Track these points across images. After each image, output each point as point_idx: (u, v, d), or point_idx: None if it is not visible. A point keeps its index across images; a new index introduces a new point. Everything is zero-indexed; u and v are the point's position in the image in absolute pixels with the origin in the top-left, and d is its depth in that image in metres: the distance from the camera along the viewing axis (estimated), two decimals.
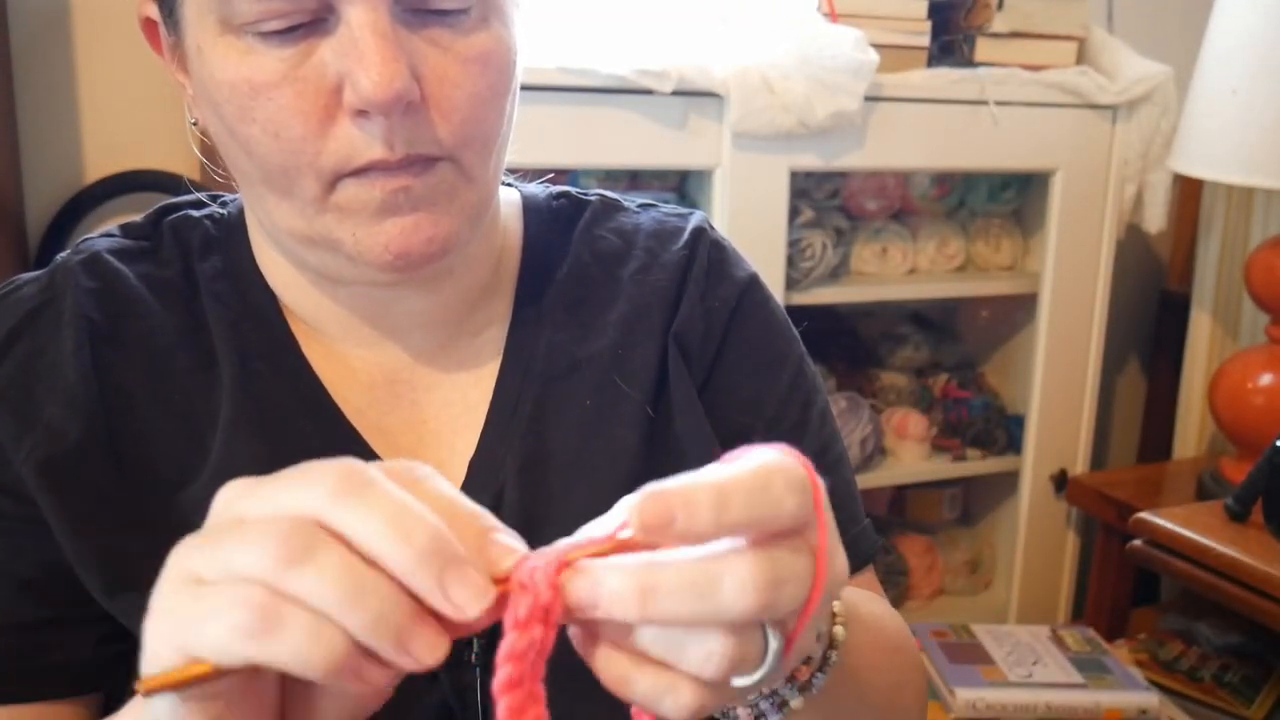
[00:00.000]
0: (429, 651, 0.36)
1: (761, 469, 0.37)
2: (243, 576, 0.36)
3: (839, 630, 0.48)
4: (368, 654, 0.36)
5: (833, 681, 0.48)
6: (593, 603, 0.37)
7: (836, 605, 0.49)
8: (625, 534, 0.38)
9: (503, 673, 0.37)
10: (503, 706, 0.37)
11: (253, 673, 0.37)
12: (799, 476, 0.38)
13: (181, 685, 0.36)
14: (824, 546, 0.39)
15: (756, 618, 0.37)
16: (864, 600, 0.63)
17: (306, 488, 0.37)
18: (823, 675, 0.47)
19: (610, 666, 0.39)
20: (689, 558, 0.37)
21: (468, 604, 0.36)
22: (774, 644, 0.38)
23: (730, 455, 0.40)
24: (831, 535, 0.40)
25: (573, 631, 0.40)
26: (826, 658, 0.48)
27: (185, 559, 0.38)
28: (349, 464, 0.38)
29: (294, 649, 0.35)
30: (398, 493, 0.37)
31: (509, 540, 0.39)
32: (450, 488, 0.40)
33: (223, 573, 0.37)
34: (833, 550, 0.40)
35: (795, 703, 0.47)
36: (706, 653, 0.37)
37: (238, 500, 0.39)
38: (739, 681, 0.38)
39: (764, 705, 0.47)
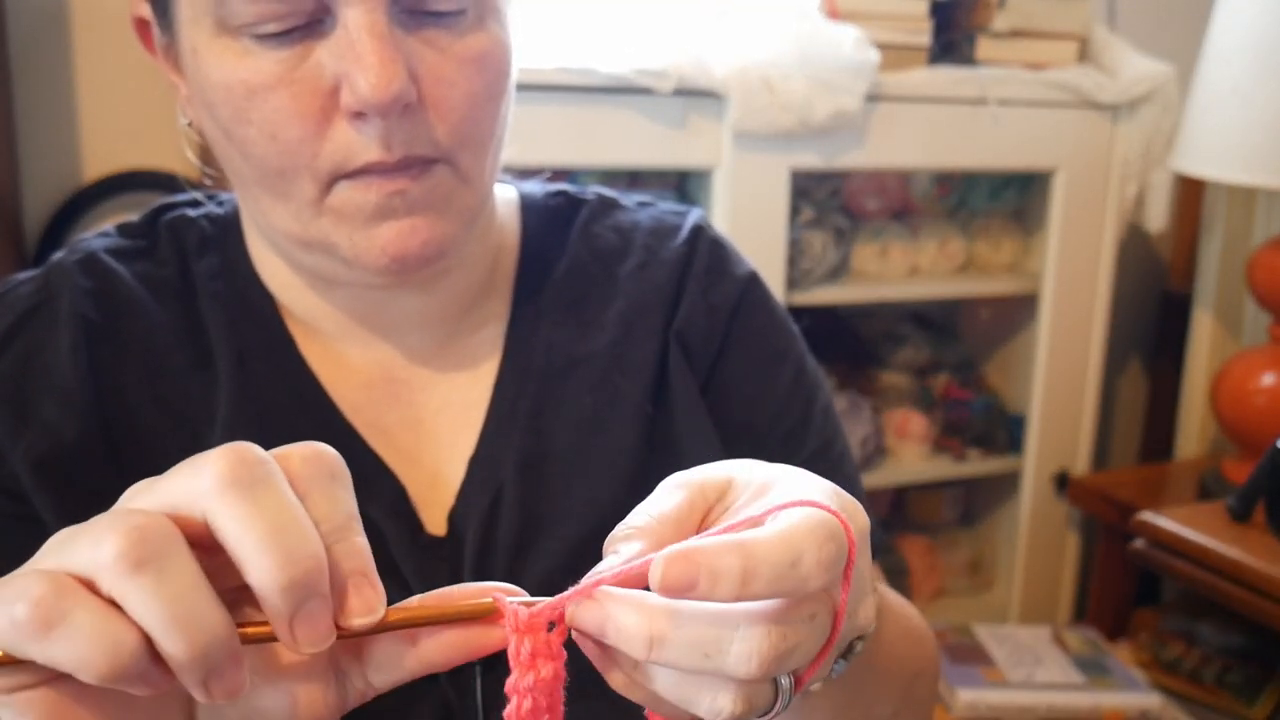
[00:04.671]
0: (226, 693, 0.35)
1: (794, 538, 0.36)
2: (68, 569, 0.34)
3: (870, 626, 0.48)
4: (156, 658, 0.34)
5: (855, 669, 0.48)
6: (600, 633, 0.38)
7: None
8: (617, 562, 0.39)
9: (513, 703, 0.38)
10: None
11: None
12: (831, 551, 0.37)
13: None
14: (844, 607, 0.39)
15: (759, 682, 0.37)
16: (890, 591, 0.63)
17: (194, 477, 0.35)
18: (844, 662, 0.47)
19: (618, 675, 0.40)
20: (702, 614, 0.37)
21: (306, 646, 0.36)
22: (785, 683, 0.39)
23: (771, 489, 0.40)
24: (857, 589, 0.40)
25: (582, 641, 0.40)
26: (852, 647, 0.47)
27: (42, 550, 0.36)
28: (244, 453, 0.36)
29: (70, 652, 0.33)
30: (289, 498, 0.36)
31: (375, 592, 0.38)
32: (351, 504, 0.38)
33: (57, 564, 0.35)
34: (856, 602, 0.40)
35: (814, 686, 0.47)
36: (715, 708, 0.38)
37: (130, 498, 0.37)
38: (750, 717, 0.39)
39: (783, 682, 0.47)
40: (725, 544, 0.36)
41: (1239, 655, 1.51)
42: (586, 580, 0.39)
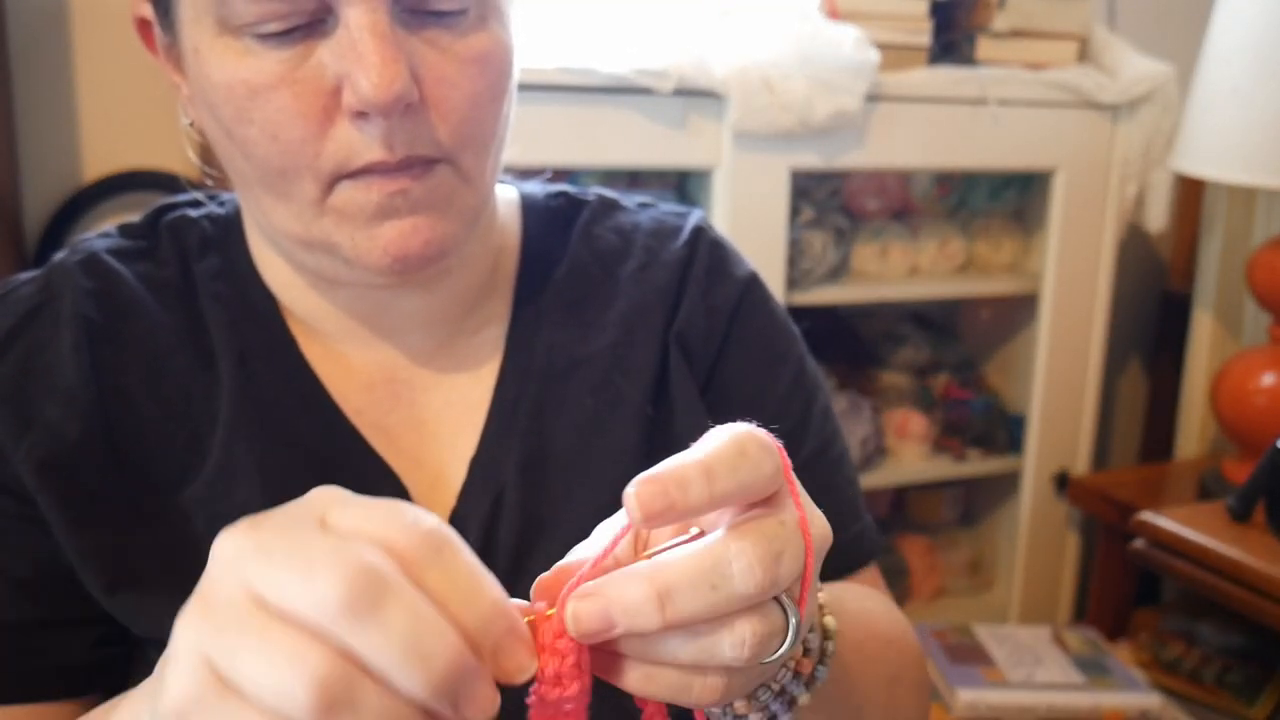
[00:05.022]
0: (483, 711, 0.35)
1: (734, 439, 0.39)
2: (304, 619, 0.33)
3: (829, 620, 0.49)
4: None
5: (831, 675, 0.49)
6: (608, 625, 0.37)
7: (822, 596, 0.49)
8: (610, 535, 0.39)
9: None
10: None
11: None
12: (767, 441, 0.39)
13: None
14: (801, 509, 0.40)
15: (767, 594, 0.38)
16: (851, 595, 0.63)
17: (312, 595, 0.33)
18: (824, 668, 0.47)
19: (633, 670, 0.39)
20: (693, 551, 0.38)
21: (515, 675, 0.36)
22: (793, 616, 0.39)
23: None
24: (804, 498, 0.41)
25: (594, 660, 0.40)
26: (824, 649, 0.48)
27: (242, 568, 0.34)
28: (361, 568, 0.34)
29: None
30: (415, 601, 0.34)
31: (525, 646, 0.37)
32: (466, 565, 0.37)
33: (282, 603, 0.33)
34: (810, 511, 0.41)
35: (803, 699, 0.47)
36: (738, 639, 0.38)
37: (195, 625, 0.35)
38: (768, 658, 0.39)
39: (774, 706, 0.47)
40: (679, 460, 0.37)
41: (1239, 655, 1.52)
42: (564, 589, 0.39)
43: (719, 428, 0.40)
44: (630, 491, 0.36)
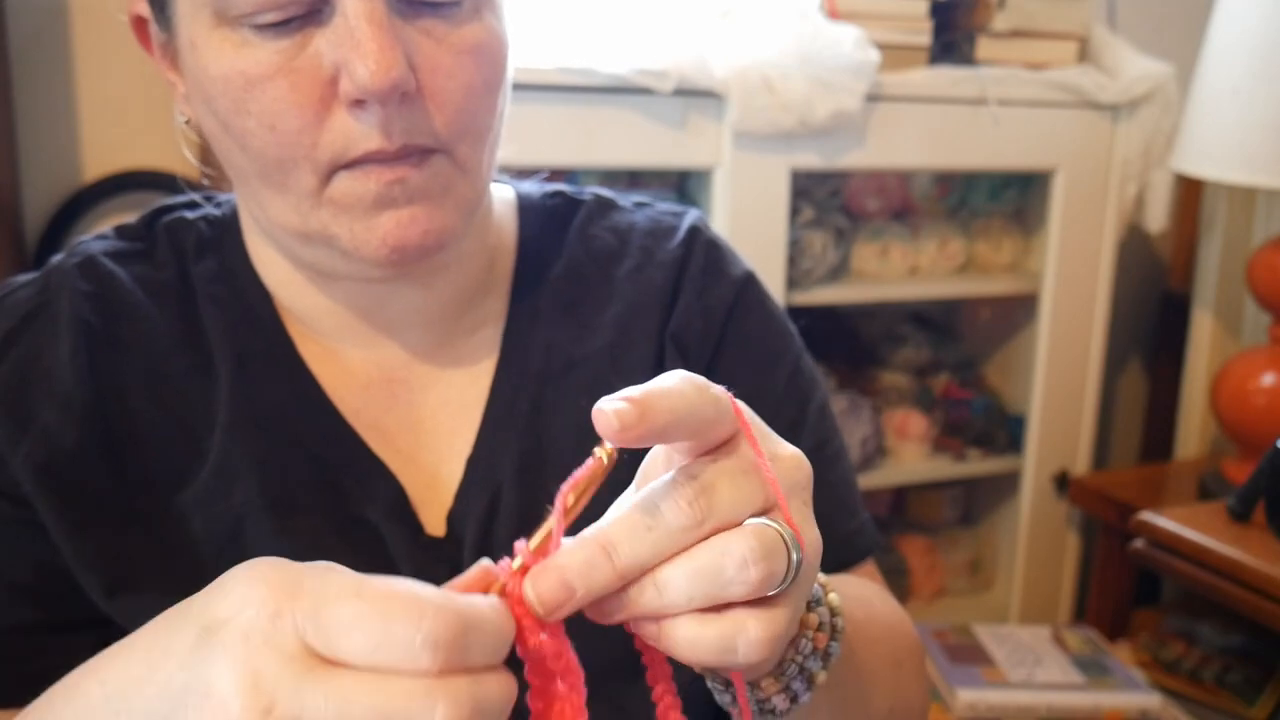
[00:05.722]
0: None
1: (683, 376, 0.40)
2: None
3: (834, 597, 0.49)
4: None
5: (841, 654, 0.49)
6: (569, 592, 0.38)
7: (822, 577, 0.49)
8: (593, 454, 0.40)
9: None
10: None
11: None
12: (707, 383, 0.41)
13: None
14: (754, 442, 0.41)
15: (703, 523, 0.39)
16: (846, 582, 0.63)
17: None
18: (836, 643, 0.48)
19: (678, 634, 0.39)
20: (623, 505, 0.40)
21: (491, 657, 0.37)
22: (782, 530, 0.40)
23: None
24: (768, 437, 0.43)
25: (630, 627, 0.41)
26: (835, 624, 0.48)
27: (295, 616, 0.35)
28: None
29: None
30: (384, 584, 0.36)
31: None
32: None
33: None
34: (775, 444, 0.43)
35: (821, 676, 0.47)
36: (738, 559, 0.38)
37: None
38: (781, 584, 0.40)
39: (796, 685, 0.47)
40: (645, 388, 0.38)
41: (1239, 655, 1.51)
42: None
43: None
44: (609, 409, 0.37)
